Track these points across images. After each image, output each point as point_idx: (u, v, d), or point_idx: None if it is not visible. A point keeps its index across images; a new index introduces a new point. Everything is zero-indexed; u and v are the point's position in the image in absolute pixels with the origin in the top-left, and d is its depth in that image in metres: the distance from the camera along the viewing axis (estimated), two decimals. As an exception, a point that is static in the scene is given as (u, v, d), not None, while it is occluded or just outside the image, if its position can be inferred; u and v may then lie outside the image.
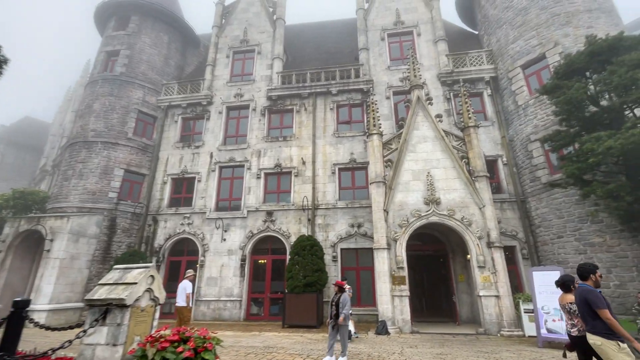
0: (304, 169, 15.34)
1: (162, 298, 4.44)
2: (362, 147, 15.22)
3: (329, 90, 16.48)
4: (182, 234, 15.22)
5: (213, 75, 18.32)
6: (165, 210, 15.81)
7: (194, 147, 16.83)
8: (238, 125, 17.27)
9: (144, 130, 17.42)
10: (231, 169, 16.32)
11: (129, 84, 17.42)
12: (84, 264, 13.62)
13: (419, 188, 11.52)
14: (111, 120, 16.46)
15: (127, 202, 15.66)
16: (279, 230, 14.41)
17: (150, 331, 4.06)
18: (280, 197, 15.35)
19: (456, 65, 15.84)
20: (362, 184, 14.89)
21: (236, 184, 16.01)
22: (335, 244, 13.77)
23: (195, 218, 15.43)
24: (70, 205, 14.70)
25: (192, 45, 21.84)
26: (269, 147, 16.10)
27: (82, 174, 15.31)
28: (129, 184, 16.18)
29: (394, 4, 18.21)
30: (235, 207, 15.47)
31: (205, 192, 15.83)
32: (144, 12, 19.08)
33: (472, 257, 10.56)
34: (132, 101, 17.21)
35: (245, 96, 17.45)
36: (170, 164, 16.74)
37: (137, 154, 16.62)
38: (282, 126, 16.78)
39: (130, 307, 3.85)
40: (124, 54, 17.93)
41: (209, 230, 15.04)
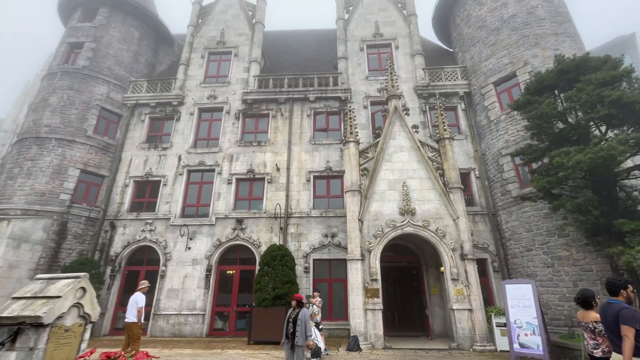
0: (278, 175, 14.79)
1: (95, 315, 3.72)
2: (339, 156, 14.95)
3: (306, 97, 16.19)
4: (142, 242, 14.05)
5: (186, 75, 17.52)
6: (125, 215, 14.58)
7: (161, 148, 15.82)
8: (210, 128, 16.49)
9: (106, 128, 16.18)
10: (200, 173, 15.44)
11: (92, 78, 16.21)
12: (25, 274, 12.11)
13: (394, 198, 11.32)
14: (69, 116, 15.15)
15: (81, 205, 14.29)
16: (249, 238, 13.66)
17: (76, 355, 3.34)
18: (252, 204, 14.65)
19: (432, 79, 16.13)
20: (337, 192, 14.55)
21: (205, 189, 15.13)
22: (307, 254, 13.22)
23: (158, 224, 14.33)
24: (14, 207, 13.16)
25: (165, 44, 20.92)
26: (242, 151, 15.43)
27: (31, 173, 13.84)
28: (85, 186, 14.83)
29: (374, 16, 18.44)
30: (203, 214, 14.56)
31: (171, 197, 14.81)
32: (114, 5, 18.03)
33: (446, 270, 10.40)
34: (94, 97, 15.98)
35: (219, 98, 16.76)
36: (134, 166, 15.58)
37: (96, 154, 15.34)
38: (257, 131, 16.21)
39: (50, 326, 3.14)
40: (89, 47, 16.74)
41: (173, 238, 13.99)
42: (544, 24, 13.87)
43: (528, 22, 14.07)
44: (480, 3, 15.86)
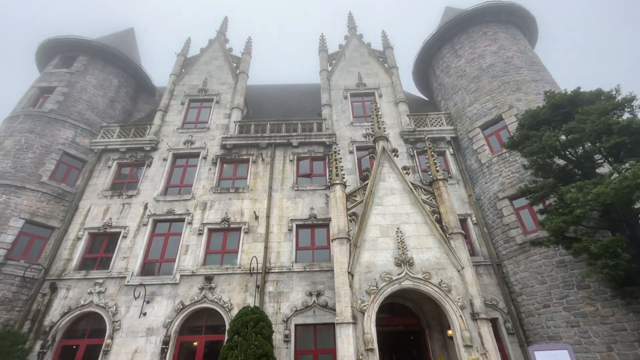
0: (257, 225, 13.18)
1: None
2: (324, 202, 13.67)
3: (289, 142, 15.42)
4: (87, 307, 11.55)
5: (163, 121, 16.69)
6: (72, 274, 12.24)
7: (126, 196, 14.15)
8: (184, 174, 15.14)
9: (66, 174, 14.56)
10: (168, 224, 13.63)
11: (57, 122, 15.07)
12: None
13: (388, 246, 9.84)
14: (23, 160, 13.58)
15: (18, 262, 11.96)
16: (218, 300, 11.45)
17: None
18: (225, 259, 12.71)
19: (418, 125, 15.87)
20: (322, 243, 12.93)
21: (171, 241, 13.20)
22: (288, 318, 11.04)
23: (110, 285, 12.00)
24: None
25: (146, 93, 20.55)
26: (218, 198, 13.95)
27: (-39, 224, 11.73)
28: (27, 239, 12.65)
29: (356, 68, 18.90)
30: (167, 271, 12.42)
31: (130, 251, 12.74)
32: (94, 54, 17.81)
33: (456, 333, 8.55)
34: (57, 140, 14.66)
35: (197, 143, 15.77)
36: (92, 216, 13.68)
37: (48, 202, 13.47)
38: (235, 177, 14.96)
39: None
40: (60, 91, 15.93)
41: (126, 302, 11.60)
42: (522, 71, 14.21)
43: (506, 70, 14.41)
44: (458, 55, 16.47)
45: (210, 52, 20.05)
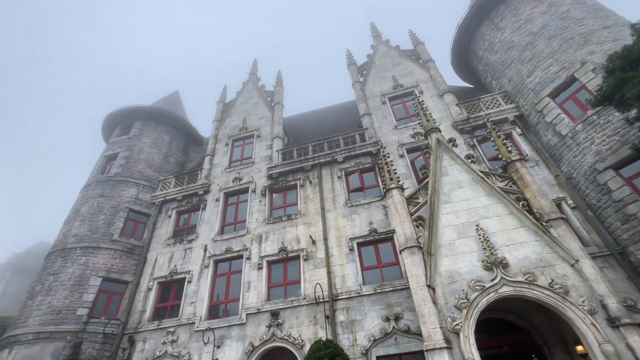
0: (315, 249, 12.32)
1: None
2: (382, 214, 12.42)
3: (334, 159, 14.73)
4: (163, 357, 11.41)
5: (211, 165, 17.28)
6: (146, 326, 12.38)
7: (187, 241, 14.42)
8: (237, 211, 15.14)
9: (133, 230, 15.46)
10: (228, 262, 13.43)
11: (122, 183, 16.38)
12: (21, 420, 9.72)
13: (470, 248, 8.21)
14: (97, 222, 14.74)
15: (99, 319, 12.47)
16: (288, 337, 10.51)
17: None
18: (289, 291, 11.91)
19: (471, 112, 14.18)
20: (390, 259, 11.53)
21: (233, 280, 12.86)
22: (367, 349, 9.62)
23: (182, 332, 11.83)
24: (28, 331, 11.64)
25: (195, 143, 21.83)
26: (272, 229, 13.50)
27: (51, 289, 12.71)
28: (106, 296, 13.28)
29: (389, 72, 18.05)
30: (232, 312, 11.96)
31: (196, 295, 12.62)
32: (146, 117, 19.59)
33: (592, 348, 6.44)
34: (123, 200, 15.82)
35: (245, 179, 15.86)
36: (159, 265, 14.08)
37: (120, 258, 14.22)
38: (286, 204, 14.51)
39: None
40: (122, 156, 17.52)
41: (197, 349, 11.23)
42: (586, 22, 12.09)
43: (565, 26, 12.40)
44: (501, 28, 14.81)
45: (245, 93, 20.90)
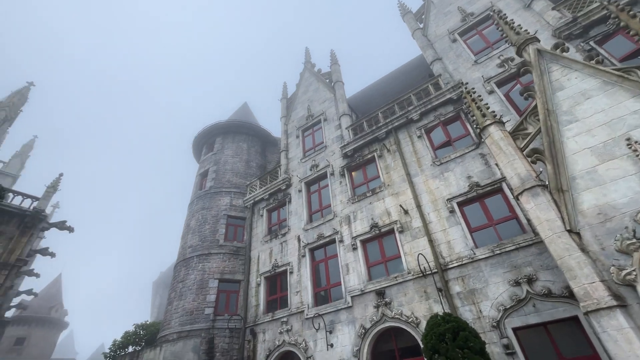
0: (409, 219, 11.08)
1: None
2: (482, 163, 10.41)
3: (409, 119, 13.14)
4: (282, 347, 11.83)
5: (287, 159, 17.51)
6: (262, 318, 13.08)
7: (281, 235, 14.82)
8: (320, 198, 14.89)
9: (234, 233, 16.73)
10: (322, 249, 13.23)
11: (216, 194, 17.92)
12: (181, 406, 11.22)
13: (625, 171, 5.94)
14: (204, 232, 16.38)
15: (223, 316, 13.73)
16: (399, 316, 9.61)
17: None
18: (390, 268, 10.98)
19: (577, 10, 10.83)
20: (503, 213, 9.54)
21: (331, 265, 12.59)
22: (498, 321, 8.03)
23: (294, 321, 12.08)
24: (172, 331, 13.53)
25: (270, 145, 22.65)
26: (358, 208, 12.76)
27: (182, 294, 14.56)
28: (224, 295, 14.58)
29: (453, 5, 15.34)
30: (337, 296, 11.67)
31: (300, 285, 12.76)
32: (224, 132, 21.14)
33: None
34: (220, 209, 17.26)
35: (321, 164, 15.51)
36: (262, 262, 14.82)
37: (229, 260, 15.48)
38: (367, 180, 13.58)
39: None
40: (212, 170, 19.20)
41: (311, 336, 11.27)
42: None
43: None
44: None
45: (303, 82, 20.67)
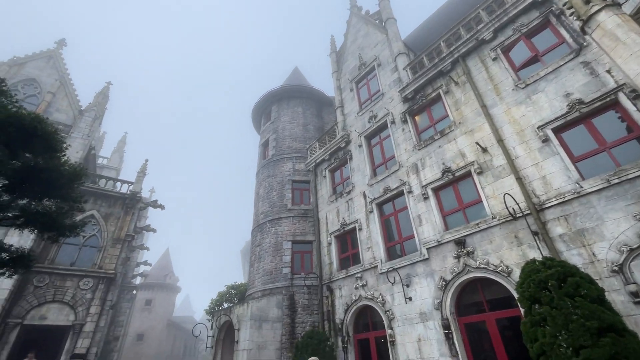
0: (489, 158, 9.50)
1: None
2: (585, 74, 8.13)
3: (480, 40, 10.96)
4: (359, 301, 11.79)
5: (344, 116, 16.62)
6: (337, 275, 13.18)
7: (346, 194, 14.41)
8: (382, 150, 13.87)
9: (300, 197, 16.93)
10: (390, 202, 12.45)
11: (279, 161, 18.16)
12: (273, 354, 12.21)
13: None
14: (273, 199, 16.91)
15: (300, 275, 14.26)
16: (485, 265, 8.52)
17: None
18: (469, 214, 9.74)
19: None
20: (620, 133, 7.44)
21: (402, 218, 11.79)
22: (620, 264, 6.44)
23: (368, 277, 11.85)
24: (256, 290, 14.62)
25: (326, 105, 21.86)
26: (426, 154, 11.48)
27: (260, 257, 15.50)
28: (299, 256, 15.06)
29: None
30: (411, 249, 10.95)
31: (370, 241, 12.35)
32: (278, 99, 20.99)
33: None
34: (285, 175, 17.52)
35: (379, 114, 14.30)
36: (330, 222, 14.75)
37: (299, 222, 15.80)
38: (434, 122, 12.03)
39: None
40: (272, 139, 19.43)
41: (387, 290, 10.91)
42: None
43: None
44: None
45: (351, 30, 18.96)
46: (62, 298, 14.06)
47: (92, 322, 14.10)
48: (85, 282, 14.71)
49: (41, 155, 5.77)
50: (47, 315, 13.62)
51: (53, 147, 5.77)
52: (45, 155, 5.77)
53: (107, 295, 15.07)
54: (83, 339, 13.59)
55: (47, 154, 5.77)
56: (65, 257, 15.12)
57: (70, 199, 6.42)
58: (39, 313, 13.52)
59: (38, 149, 5.70)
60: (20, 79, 18.27)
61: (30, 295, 13.53)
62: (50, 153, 5.80)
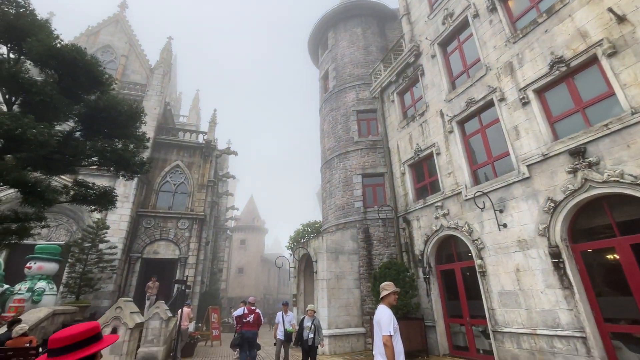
0: (629, 29, 6.65)
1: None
2: None
3: None
4: (440, 231, 10.68)
5: (411, 24, 13.94)
6: (413, 206, 12.12)
7: (418, 116, 12.57)
8: (462, 55, 11.30)
9: (367, 128, 15.59)
10: (475, 118, 10.34)
11: (341, 92, 16.73)
12: (352, 284, 12.33)
13: None
14: (338, 133, 15.96)
15: (373, 208, 13.60)
16: (618, 178, 6.39)
17: None
18: (591, 115, 7.31)
19: None
20: None
21: (491, 134, 9.74)
22: None
23: (450, 205, 10.50)
24: (330, 225, 14.61)
25: (389, 20, 18.82)
26: (524, 46, 8.80)
27: (331, 193, 15.20)
28: (370, 189, 14.28)
29: None
30: (504, 169, 9.08)
31: (451, 165, 10.72)
32: (332, 23, 18.77)
33: None
34: (348, 106, 16.16)
35: (457, 10, 11.43)
36: (402, 150, 13.31)
37: (368, 155, 14.73)
38: (534, 1, 8.97)
39: None
40: (331, 69, 17.84)
41: (475, 217, 9.50)
42: None
43: None
44: None
45: None
46: (167, 236, 16.30)
47: (194, 256, 16.20)
48: (182, 222, 16.68)
49: (92, 90, 5.86)
50: (158, 251, 16.07)
51: (98, 79, 5.76)
52: (95, 91, 5.84)
53: (202, 233, 16.96)
54: (188, 269, 15.79)
55: (95, 88, 5.82)
56: (164, 202, 17.21)
57: (134, 137, 6.62)
58: (152, 249, 16.00)
59: (85, 84, 5.76)
60: (98, 47, 19.80)
61: (142, 234, 15.97)
62: (98, 87, 5.84)
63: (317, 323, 7.25)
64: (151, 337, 8.89)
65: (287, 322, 8.25)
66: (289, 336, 8.01)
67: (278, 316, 8.40)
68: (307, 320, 7.29)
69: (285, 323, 8.23)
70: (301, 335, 7.09)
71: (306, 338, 6.96)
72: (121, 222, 14.86)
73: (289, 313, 8.45)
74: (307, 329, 7.07)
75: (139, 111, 6.57)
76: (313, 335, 6.98)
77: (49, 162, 6.01)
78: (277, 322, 8.40)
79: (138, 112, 6.55)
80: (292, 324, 8.32)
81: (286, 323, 8.23)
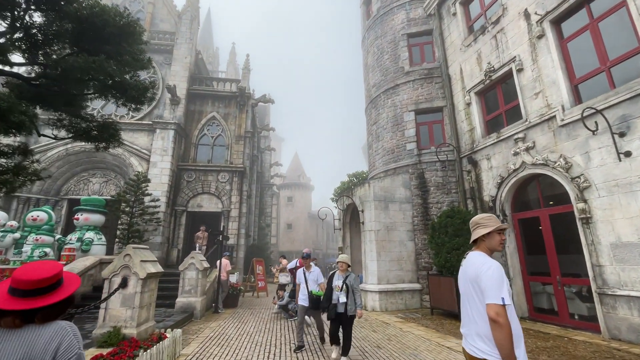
0: None
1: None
2: None
3: None
4: (521, 170, 8.39)
5: None
6: (482, 143, 9.77)
7: (491, 25, 9.68)
8: None
9: (421, 54, 12.85)
10: (581, 12, 7.36)
11: (386, 14, 13.87)
12: (404, 236, 10.77)
13: None
14: (384, 64, 13.48)
15: (429, 149, 11.46)
16: None
17: None
18: None
19: None
20: None
21: (607, 28, 6.84)
22: None
23: (537, 135, 8.04)
24: (378, 171, 12.85)
25: None
26: None
27: (378, 135, 13.23)
28: (425, 127, 12.01)
29: None
30: (630, 76, 6.33)
31: (539, 82, 8.05)
32: None
33: None
34: (396, 29, 13.39)
35: None
36: (467, 75, 10.66)
37: (421, 87, 12.23)
38: None
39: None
40: (375, -12, 14.83)
41: (577, 147, 7.04)
42: None
43: None
44: None
45: None
46: (209, 190, 15.99)
47: (236, 209, 15.81)
48: (222, 175, 16.17)
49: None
50: (202, 204, 15.91)
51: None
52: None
53: (242, 186, 16.38)
54: (232, 222, 15.50)
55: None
56: (203, 155, 16.76)
57: (126, 53, 5.36)
58: (195, 202, 15.88)
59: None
60: (125, -3, 18.85)
61: (185, 188, 15.82)
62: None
63: (352, 282, 4.94)
64: (188, 287, 8.47)
65: (312, 281, 5.82)
66: (316, 301, 5.46)
67: (299, 274, 6.06)
68: (338, 277, 5.06)
69: (309, 283, 5.80)
70: (329, 297, 5.02)
71: (335, 302, 4.87)
72: (162, 176, 14.69)
73: (313, 268, 6.04)
74: (337, 289, 4.91)
75: (131, 22, 5.25)
76: (346, 299, 4.80)
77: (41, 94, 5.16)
78: (298, 283, 6.05)
79: (131, 24, 5.23)
80: (319, 284, 5.84)
81: (310, 283, 5.80)
